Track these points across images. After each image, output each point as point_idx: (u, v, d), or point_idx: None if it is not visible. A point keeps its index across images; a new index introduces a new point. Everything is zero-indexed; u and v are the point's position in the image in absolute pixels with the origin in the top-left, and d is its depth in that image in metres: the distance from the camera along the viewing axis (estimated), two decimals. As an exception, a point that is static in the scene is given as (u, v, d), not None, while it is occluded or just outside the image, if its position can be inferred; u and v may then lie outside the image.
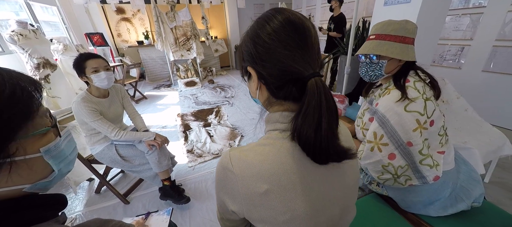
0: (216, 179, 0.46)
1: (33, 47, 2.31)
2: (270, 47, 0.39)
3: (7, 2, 2.97)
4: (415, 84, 0.78)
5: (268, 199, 0.38)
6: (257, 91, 0.45)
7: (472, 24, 2.41)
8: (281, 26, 0.39)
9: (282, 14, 0.40)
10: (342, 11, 3.30)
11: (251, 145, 0.43)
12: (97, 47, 4.14)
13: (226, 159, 0.41)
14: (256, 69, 0.42)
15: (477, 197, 0.82)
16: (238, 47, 0.47)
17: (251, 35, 0.41)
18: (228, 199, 0.43)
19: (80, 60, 1.26)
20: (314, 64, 0.40)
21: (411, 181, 0.82)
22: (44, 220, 0.33)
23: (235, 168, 0.40)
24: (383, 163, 0.82)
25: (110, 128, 1.32)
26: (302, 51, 0.39)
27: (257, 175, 0.38)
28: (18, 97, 0.29)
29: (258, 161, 0.39)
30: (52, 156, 0.36)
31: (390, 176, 0.83)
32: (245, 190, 0.39)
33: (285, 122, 0.42)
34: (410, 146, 0.77)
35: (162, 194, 1.53)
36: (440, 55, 2.76)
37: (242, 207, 0.41)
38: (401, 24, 0.79)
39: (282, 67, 0.39)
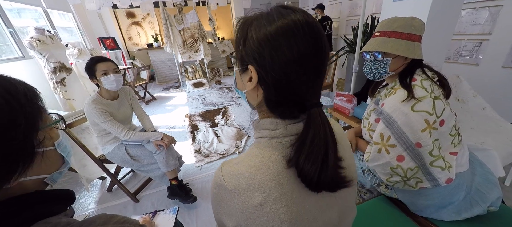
0: (211, 197, 0.45)
1: (50, 52, 2.43)
2: (289, 64, 0.35)
3: (28, 10, 3.14)
4: (422, 83, 0.75)
5: (263, 211, 0.37)
6: (247, 88, 0.42)
7: (491, 18, 2.28)
8: (307, 43, 0.35)
9: (311, 27, 0.35)
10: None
11: (241, 157, 0.41)
12: (109, 51, 4.29)
13: (219, 176, 0.40)
14: (260, 74, 0.38)
15: (494, 201, 0.77)
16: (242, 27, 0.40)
17: (271, 37, 0.35)
18: (225, 216, 0.42)
19: (91, 64, 1.31)
20: (319, 92, 0.39)
21: (422, 184, 0.79)
22: (54, 214, 0.35)
23: (228, 184, 0.38)
24: (392, 165, 0.79)
25: (120, 128, 1.37)
26: (317, 79, 0.38)
27: (250, 188, 0.37)
28: (30, 97, 0.35)
29: (250, 174, 0.38)
30: (61, 149, 0.41)
31: (399, 178, 0.80)
32: (240, 204, 0.38)
33: (274, 129, 0.40)
34: (419, 147, 0.73)
35: (169, 193, 1.56)
36: (455, 51, 2.63)
37: (240, 222, 0.39)
38: (407, 21, 0.76)
39: (291, 87, 0.37)
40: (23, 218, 0.31)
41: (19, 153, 0.31)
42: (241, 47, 0.40)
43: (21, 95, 0.33)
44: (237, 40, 0.42)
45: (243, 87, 0.43)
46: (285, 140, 0.40)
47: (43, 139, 0.36)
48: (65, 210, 0.39)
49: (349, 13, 3.96)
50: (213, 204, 0.45)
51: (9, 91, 0.31)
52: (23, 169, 0.32)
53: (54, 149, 0.40)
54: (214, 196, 0.43)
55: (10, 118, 0.30)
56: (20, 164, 0.31)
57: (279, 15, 0.36)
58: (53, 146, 0.39)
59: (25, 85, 0.36)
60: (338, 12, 4.21)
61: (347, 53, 2.80)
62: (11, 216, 0.30)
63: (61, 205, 0.39)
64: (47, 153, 0.37)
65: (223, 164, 0.41)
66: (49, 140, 0.38)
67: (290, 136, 0.40)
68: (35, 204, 0.34)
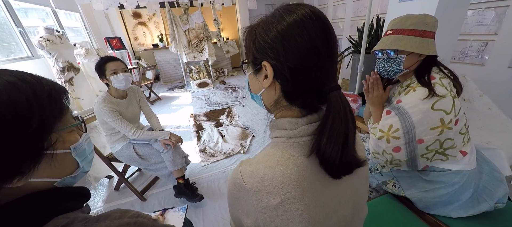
0: (229, 196, 0.45)
1: (59, 52, 2.48)
2: (302, 51, 0.37)
3: (35, 10, 3.21)
4: (442, 81, 0.75)
5: (283, 210, 0.38)
6: (263, 89, 0.42)
7: (497, 18, 2.27)
8: (318, 31, 0.36)
9: (318, 17, 0.37)
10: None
11: (260, 157, 0.42)
12: (115, 51, 4.35)
13: (237, 175, 0.40)
14: (276, 67, 0.39)
15: (500, 197, 0.78)
16: (249, 33, 0.41)
17: (281, 30, 0.37)
18: (243, 215, 0.42)
19: (101, 63, 1.35)
20: (336, 75, 0.40)
21: (399, 167, 0.88)
22: (72, 210, 0.37)
23: (247, 184, 0.39)
24: (385, 150, 0.83)
25: (128, 127, 1.39)
26: (331, 62, 0.39)
27: (270, 187, 0.37)
28: (54, 98, 0.35)
29: (269, 173, 0.38)
30: (78, 154, 0.40)
31: (383, 160, 0.87)
32: (260, 204, 0.38)
33: (292, 129, 0.41)
34: (421, 143, 0.75)
35: (176, 192, 1.58)
36: (461, 52, 2.62)
37: (258, 222, 0.40)
38: (420, 18, 0.76)
39: (307, 73, 0.38)
40: (41, 213, 0.32)
41: (24, 154, 0.30)
42: (252, 49, 0.41)
43: (45, 96, 0.33)
44: (246, 46, 0.43)
45: (259, 87, 0.44)
46: (303, 140, 0.40)
47: (55, 142, 0.35)
48: (81, 207, 0.40)
49: (353, 13, 3.96)
50: (230, 203, 0.45)
51: (34, 92, 0.32)
52: (27, 170, 0.31)
53: (69, 153, 0.38)
54: (231, 195, 0.43)
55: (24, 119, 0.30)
56: (23, 165, 0.31)
57: (286, 11, 0.38)
58: (68, 149, 0.38)
59: (53, 85, 0.36)
60: (343, 13, 4.21)
61: (352, 53, 2.80)
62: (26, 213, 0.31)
63: (77, 202, 0.40)
64: (58, 156, 0.36)
65: (242, 163, 0.42)
66: (63, 143, 0.37)
67: (308, 136, 0.40)
68: (52, 200, 0.35)
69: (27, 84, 0.32)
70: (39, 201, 0.32)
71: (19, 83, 0.31)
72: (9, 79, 0.30)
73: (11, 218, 0.29)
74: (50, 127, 0.34)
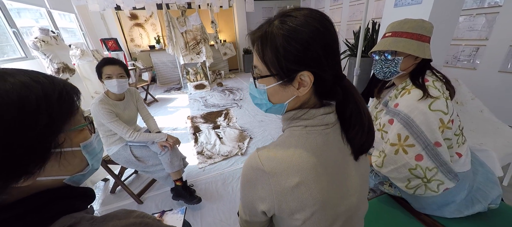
0: (244, 181, 0.46)
1: (54, 53, 2.45)
2: (334, 52, 0.41)
3: (28, 10, 3.15)
4: (435, 83, 0.78)
5: (299, 192, 0.40)
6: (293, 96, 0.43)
7: (488, 24, 2.35)
8: (332, 32, 0.41)
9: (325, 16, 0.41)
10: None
11: (276, 143, 0.44)
12: (111, 52, 4.31)
13: (255, 159, 0.42)
14: (317, 74, 0.40)
15: (494, 198, 0.80)
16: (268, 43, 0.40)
17: (312, 38, 0.38)
18: (258, 200, 0.44)
19: (99, 65, 1.34)
20: (340, 67, 0.45)
21: (444, 185, 0.77)
22: (78, 210, 0.37)
23: (266, 167, 0.40)
24: (410, 166, 0.77)
25: (125, 129, 1.38)
26: (338, 56, 0.44)
27: (287, 170, 0.40)
28: (64, 98, 0.35)
29: (287, 156, 0.40)
30: (88, 151, 0.40)
31: (419, 181, 0.78)
32: (277, 186, 0.40)
33: (309, 119, 0.44)
34: (439, 146, 0.74)
35: (174, 194, 1.57)
36: (453, 56, 2.69)
37: (274, 204, 0.41)
38: (418, 23, 0.79)
39: (335, 70, 0.42)
40: (49, 212, 0.32)
41: (30, 155, 0.30)
42: (280, 61, 0.39)
43: (55, 96, 0.33)
44: (261, 58, 0.42)
45: (288, 96, 0.44)
46: (319, 128, 0.43)
47: (64, 141, 0.35)
48: (86, 208, 0.41)
49: (349, 17, 4.03)
50: (245, 189, 0.46)
51: (45, 92, 0.32)
52: (34, 170, 0.31)
53: (79, 150, 0.39)
54: (247, 180, 0.44)
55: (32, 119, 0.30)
56: (30, 165, 0.31)
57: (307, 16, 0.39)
58: (78, 147, 0.38)
59: (65, 86, 0.36)
60: (339, 17, 4.28)
61: (348, 56, 2.85)
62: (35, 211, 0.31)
63: (83, 202, 0.40)
64: (67, 154, 0.36)
65: (258, 149, 0.44)
66: (71, 142, 0.37)
67: (322, 126, 0.43)
68: (59, 199, 0.35)
69: (38, 84, 0.32)
70: (48, 200, 0.32)
71: (31, 83, 0.31)
72: (22, 79, 0.31)
73: (21, 216, 0.30)
74: (58, 128, 0.34)
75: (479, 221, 0.82)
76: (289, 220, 0.43)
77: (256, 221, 0.50)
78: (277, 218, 0.47)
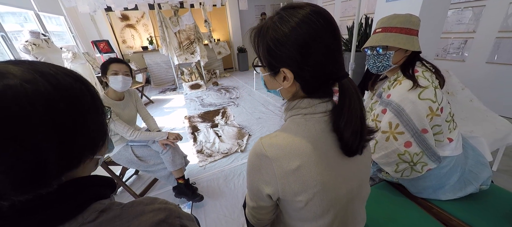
0: (249, 168, 0.49)
1: (46, 56, 2.40)
2: (317, 53, 0.41)
3: (12, 13, 3.05)
4: (424, 73, 0.82)
5: (300, 174, 0.43)
6: (281, 87, 0.47)
7: (475, 17, 2.44)
8: (324, 28, 0.40)
9: (320, 14, 0.40)
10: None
11: (278, 131, 0.47)
12: (103, 54, 4.24)
13: (259, 147, 0.45)
14: (295, 72, 0.43)
15: (485, 180, 0.86)
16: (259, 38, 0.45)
17: (294, 37, 0.40)
18: (262, 184, 0.47)
19: (107, 62, 1.39)
20: (343, 64, 0.45)
21: (427, 166, 0.85)
22: (105, 197, 0.39)
23: (268, 153, 0.44)
24: (400, 152, 0.84)
25: (126, 128, 1.39)
26: (339, 53, 0.43)
27: (289, 154, 0.43)
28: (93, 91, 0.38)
29: (288, 142, 0.43)
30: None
31: (406, 165, 0.86)
32: (280, 170, 0.43)
33: (307, 107, 0.46)
34: (426, 133, 0.80)
35: (176, 192, 1.58)
36: (443, 49, 2.78)
37: (278, 187, 0.45)
38: (406, 17, 0.83)
39: (322, 70, 0.43)
40: (83, 198, 0.34)
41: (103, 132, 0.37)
42: (266, 55, 0.45)
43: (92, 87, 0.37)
44: (256, 50, 0.47)
45: (277, 85, 0.48)
46: (317, 116, 0.46)
47: (108, 122, 0.40)
48: (110, 196, 0.42)
49: (342, 13, 4.09)
50: (250, 175, 0.50)
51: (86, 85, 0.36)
52: (102, 146, 0.37)
53: None
54: (252, 166, 0.48)
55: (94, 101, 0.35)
56: (100, 142, 0.37)
57: (291, 15, 0.41)
58: None
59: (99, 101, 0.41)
60: (332, 13, 4.32)
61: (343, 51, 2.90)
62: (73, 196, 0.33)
63: (108, 190, 0.42)
64: None
65: (262, 138, 0.47)
66: None
67: (320, 113, 0.46)
68: (90, 186, 0.37)
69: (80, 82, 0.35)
70: (81, 186, 0.34)
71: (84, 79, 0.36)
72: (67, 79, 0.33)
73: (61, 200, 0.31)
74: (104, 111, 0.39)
75: (472, 202, 0.87)
76: (292, 202, 0.46)
77: (262, 205, 0.53)
78: (282, 202, 0.50)
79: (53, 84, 0.29)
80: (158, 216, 0.37)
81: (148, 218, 0.36)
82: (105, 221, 0.34)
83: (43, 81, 0.28)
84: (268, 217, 0.57)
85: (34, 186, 0.28)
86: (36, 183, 0.28)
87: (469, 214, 0.84)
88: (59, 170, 0.31)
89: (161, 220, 0.37)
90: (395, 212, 0.90)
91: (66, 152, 0.30)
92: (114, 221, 0.34)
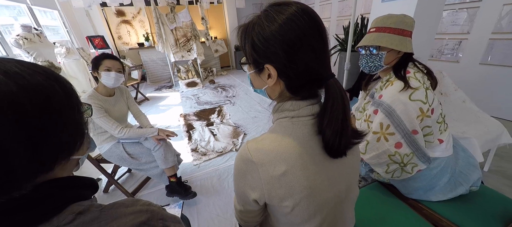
0: (235, 173, 0.48)
1: (38, 51, 2.35)
2: (301, 51, 0.40)
3: (5, 7, 2.99)
4: (415, 75, 0.82)
5: (286, 180, 0.42)
6: (266, 85, 0.46)
7: (469, 19, 2.46)
8: (310, 29, 0.39)
9: (306, 12, 0.40)
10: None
11: (265, 135, 0.46)
12: (98, 50, 4.18)
13: (245, 151, 0.44)
14: (279, 70, 0.42)
15: (475, 181, 0.86)
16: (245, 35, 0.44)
17: (279, 34, 0.39)
18: (248, 189, 0.46)
19: (100, 57, 1.36)
20: (329, 65, 0.44)
21: (417, 167, 0.85)
22: (85, 198, 0.37)
23: (254, 158, 0.43)
24: (390, 153, 0.84)
25: (114, 125, 1.36)
26: (325, 53, 0.42)
27: (274, 160, 0.42)
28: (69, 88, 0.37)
29: (274, 147, 0.42)
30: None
31: (397, 166, 0.85)
32: (265, 175, 0.42)
33: (294, 110, 0.45)
34: (416, 134, 0.79)
35: (168, 191, 1.57)
36: (438, 50, 2.80)
37: (264, 192, 0.44)
38: (400, 18, 0.82)
39: (307, 69, 0.42)
40: (61, 199, 0.33)
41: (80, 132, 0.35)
42: (251, 52, 0.44)
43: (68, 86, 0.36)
44: (244, 49, 0.46)
45: (262, 84, 0.47)
46: (304, 119, 0.44)
47: (86, 121, 0.39)
48: (91, 197, 0.41)
49: (339, 13, 4.09)
50: (237, 179, 0.49)
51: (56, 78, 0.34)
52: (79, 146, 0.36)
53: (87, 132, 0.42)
54: (239, 171, 0.47)
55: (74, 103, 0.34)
56: (78, 142, 0.36)
57: (277, 12, 0.40)
58: None
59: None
60: (329, 12, 4.33)
61: (339, 51, 2.90)
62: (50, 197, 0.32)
63: (89, 192, 0.41)
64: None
65: (248, 142, 0.46)
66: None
67: (309, 116, 0.44)
68: (69, 188, 0.36)
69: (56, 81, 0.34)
70: (59, 187, 0.33)
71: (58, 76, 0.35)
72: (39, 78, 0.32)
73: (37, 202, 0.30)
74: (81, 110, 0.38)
75: (462, 203, 0.87)
76: (279, 207, 0.46)
77: (249, 209, 0.52)
78: (269, 206, 0.50)
79: (19, 83, 0.28)
80: (139, 218, 0.36)
81: (129, 221, 0.35)
82: (82, 224, 0.32)
83: (7, 81, 0.27)
84: (256, 220, 0.57)
85: (3, 190, 0.27)
86: (5, 187, 0.27)
87: (459, 215, 0.84)
88: (31, 173, 0.29)
89: (142, 222, 0.36)
90: (386, 213, 0.90)
91: (37, 154, 0.29)
92: (92, 223, 0.33)
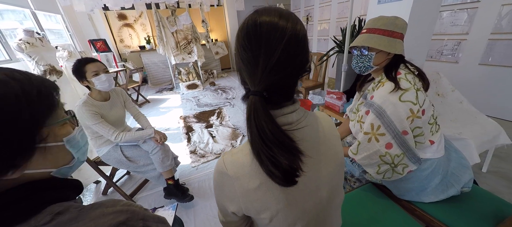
0: (214, 185, 0.48)
1: (39, 55, 2.39)
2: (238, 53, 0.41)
3: (11, 11, 3.06)
4: (406, 76, 0.82)
5: (261, 193, 0.42)
6: None
7: (469, 19, 2.44)
8: (250, 40, 0.38)
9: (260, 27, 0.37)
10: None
11: (240, 147, 0.45)
12: (100, 53, 4.23)
13: (221, 164, 0.44)
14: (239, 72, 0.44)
15: (466, 182, 0.86)
16: None
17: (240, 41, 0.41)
18: (227, 202, 0.46)
19: (79, 66, 1.27)
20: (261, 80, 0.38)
21: (408, 168, 0.86)
22: (66, 199, 0.38)
23: (229, 171, 0.42)
24: (381, 153, 0.84)
25: (111, 131, 1.36)
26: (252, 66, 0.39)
27: (250, 173, 0.41)
28: (43, 94, 0.36)
29: (248, 161, 0.41)
30: (71, 145, 0.42)
31: (388, 166, 0.86)
32: (241, 189, 0.42)
33: None
34: (406, 135, 0.80)
35: (166, 193, 1.58)
36: (437, 50, 2.79)
37: (240, 205, 0.44)
38: (390, 20, 0.83)
39: (241, 75, 0.43)
40: (38, 200, 0.34)
41: (17, 148, 0.32)
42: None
43: (34, 92, 0.34)
44: None
45: None
46: None
47: (47, 135, 0.36)
48: (74, 198, 0.42)
49: (338, 15, 4.09)
50: (215, 191, 0.49)
51: (23, 88, 0.33)
52: (21, 163, 0.33)
53: (62, 145, 0.39)
54: (216, 184, 0.47)
55: (14, 115, 0.31)
56: (17, 158, 0.32)
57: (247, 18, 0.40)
58: (61, 142, 0.39)
59: (43, 82, 0.37)
60: (328, 14, 4.33)
61: (336, 53, 2.89)
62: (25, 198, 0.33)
63: (72, 193, 0.41)
64: (52, 148, 0.37)
65: (224, 154, 0.46)
66: (55, 137, 0.38)
67: (285, 125, 0.43)
68: (47, 189, 0.36)
69: (16, 81, 0.33)
70: (36, 189, 0.34)
71: (8, 80, 0.32)
72: None
73: (7, 205, 0.31)
74: (41, 122, 0.35)
75: (454, 204, 0.87)
76: (257, 219, 0.46)
77: (230, 221, 0.52)
78: (252, 217, 0.49)
79: None
80: (118, 218, 0.36)
81: (107, 221, 0.35)
82: (59, 224, 0.33)
83: None
84: None
85: None
86: None
87: (450, 216, 0.84)
88: None
89: (121, 222, 0.36)
90: (379, 214, 0.90)
91: None
92: (70, 223, 0.33)
